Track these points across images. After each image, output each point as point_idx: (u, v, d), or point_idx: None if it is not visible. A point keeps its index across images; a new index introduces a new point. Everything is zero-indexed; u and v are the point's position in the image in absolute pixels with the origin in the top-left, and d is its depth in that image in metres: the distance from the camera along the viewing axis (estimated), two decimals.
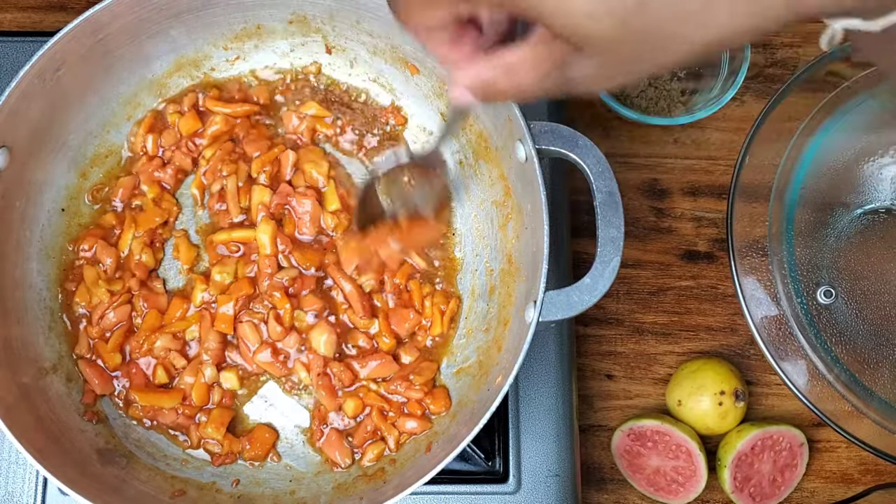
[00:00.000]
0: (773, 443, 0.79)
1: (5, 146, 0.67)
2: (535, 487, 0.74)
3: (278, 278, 0.73)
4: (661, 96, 0.84)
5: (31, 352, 0.71)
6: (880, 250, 0.81)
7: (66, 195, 0.75)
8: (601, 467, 0.82)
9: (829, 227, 0.81)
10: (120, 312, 0.73)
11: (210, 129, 0.76)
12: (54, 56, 0.67)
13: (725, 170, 0.86)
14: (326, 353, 0.72)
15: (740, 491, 0.79)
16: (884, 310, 0.80)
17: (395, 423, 0.72)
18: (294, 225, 0.75)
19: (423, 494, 0.74)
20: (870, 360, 0.78)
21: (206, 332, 0.73)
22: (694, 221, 0.86)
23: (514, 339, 0.67)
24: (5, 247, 0.70)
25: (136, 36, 0.72)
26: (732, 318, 0.84)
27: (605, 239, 0.64)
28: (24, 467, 0.74)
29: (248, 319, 0.73)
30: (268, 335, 0.73)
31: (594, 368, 0.83)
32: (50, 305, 0.73)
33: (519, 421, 0.76)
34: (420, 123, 0.79)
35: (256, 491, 0.71)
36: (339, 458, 0.71)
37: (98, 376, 0.72)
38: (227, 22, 0.75)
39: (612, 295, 0.84)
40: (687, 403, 0.79)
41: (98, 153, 0.76)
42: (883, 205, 0.81)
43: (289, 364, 0.73)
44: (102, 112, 0.75)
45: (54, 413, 0.69)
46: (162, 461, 0.71)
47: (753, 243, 0.77)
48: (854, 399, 0.75)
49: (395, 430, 0.72)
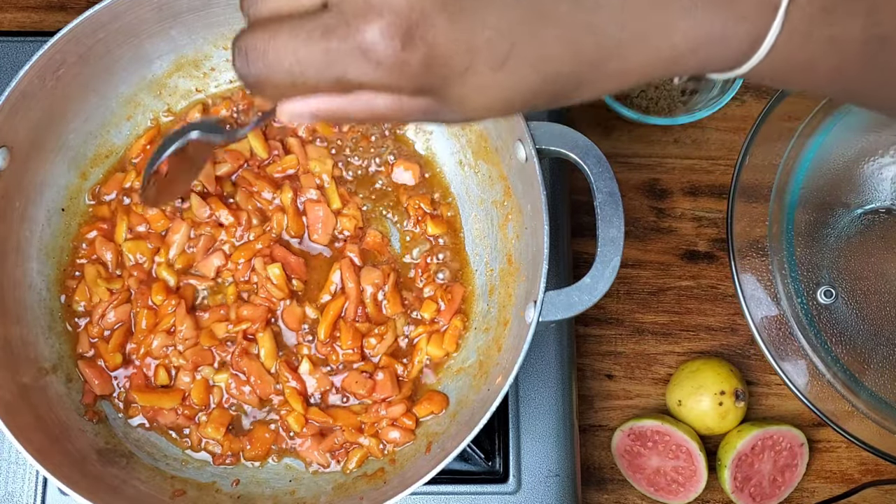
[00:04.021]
0: (773, 443, 0.79)
1: (5, 146, 0.67)
2: (535, 487, 0.74)
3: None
4: (662, 96, 0.84)
5: (31, 352, 0.71)
6: (880, 250, 0.81)
7: (66, 195, 0.75)
8: (601, 467, 0.82)
9: (829, 226, 0.81)
10: (120, 311, 0.73)
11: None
12: (54, 56, 0.67)
13: (726, 170, 0.86)
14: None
15: (740, 491, 0.79)
16: (884, 310, 0.80)
17: (377, 433, 0.72)
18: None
19: (423, 494, 0.74)
20: (870, 360, 0.78)
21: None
22: (694, 221, 0.86)
23: (514, 339, 0.67)
24: (5, 247, 0.70)
25: (136, 36, 0.72)
26: (732, 318, 0.84)
27: (606, 239, 0.64)
28: (24, 467, 0.74)
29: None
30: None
31: (594, 368, 0.83)
32: (50, 305, 0.73)
33: (519, 421, 0.76)
34: (420, 123, 0.78)
35: (256, 491, 0.71)
36: (317, 459, 0.72)
37: (98, 377, 0.72)
38: (228, 21, 0.75)
39: (613, 295, 0.84)
40: (687, 403, 0.78)
41: (98, 153, 0.76)
42: (883, 205, 0.81)
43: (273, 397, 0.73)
44: (102, 112, 0.75)
45: (54, 413, 0.69)
46: (162, 461, 0.71)
47: (754, 243, 0.77)
48: (854, 399, 0.75)
49: (377, 439, 0.72)
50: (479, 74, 0.38)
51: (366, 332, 0.73)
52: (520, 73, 0.38)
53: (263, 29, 0.39)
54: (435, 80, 0.37)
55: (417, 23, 0.36)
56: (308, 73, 0.38)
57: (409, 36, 0.36)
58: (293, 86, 0.39)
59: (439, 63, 0.37)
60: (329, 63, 0.37)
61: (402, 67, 0.36)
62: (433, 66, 0.37)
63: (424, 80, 0.37)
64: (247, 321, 0.73)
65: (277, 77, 0.39)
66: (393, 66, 0.36)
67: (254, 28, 0.39)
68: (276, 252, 0.74)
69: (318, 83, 0.38)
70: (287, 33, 0.38)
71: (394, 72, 0.37)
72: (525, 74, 0.38)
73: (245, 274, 0.74)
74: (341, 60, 0.37)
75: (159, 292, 0.73)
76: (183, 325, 0.72)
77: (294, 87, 0.39)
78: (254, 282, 0.74)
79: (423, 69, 0.37)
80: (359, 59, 0.37)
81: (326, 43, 0.37)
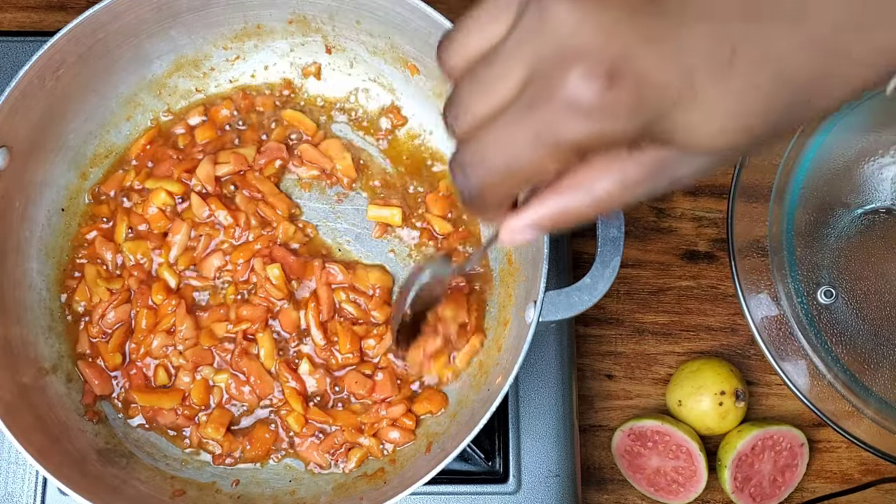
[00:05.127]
0: (773, 443, 0.79)
1: (5, 146, 0.67)
2: (535, 488, 0.74)
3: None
4: None
5: (31, 352, 0.71)
6: (881, 250, 0.81)
7: (66, 195, 0.75)
8: (601, 467, 0.82)
9: (829, 226, 0.81)
10: (120, 311, 0.73)
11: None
12: (54, 56, 0.67)
13: (726, 170, 0.86)
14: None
15: (741, 491, 0.79)
16: (884, 310, 0.80)
17: (377, 433, 0.72)
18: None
19: (423, 495, 0.74)
20: (870, 360, 0.78)
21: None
22: (694, 221, 0.86)
23: (514, 339, 0.67)
24: (5, 247, 0.70)
25: (136, 36, 0.72)
26: (733, 318, 0.84)
27: (606, 239, 0.64)
28: (24, 467, 0.74)
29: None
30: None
31: (594, 368, 0.83)
32: (50, 305, 0.73)
33: (519, 421, 0.76)
34: (420, 123, 0.78)
35: (256, 491, 0.71)
36: (316, 460, 0.71)
37: (97, 377, 0.72)
38: (227, 21, 0.75)
39: (613, 295, 0.84)
40: (687, 403, 0.78)
41: (98, 153, 0.76)
42: (883, 205, 0.81)
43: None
44: (102, 112, 0.75)
45: (54, 413, 0.69)
46: (162, 461, 0.71)
47: (754, 243, 0.77)
48: (854, 399, 0.75)
49: (377, 439, 0.71)
50: (701, 93, 0.33)
51: (364, 335, 0.73)
52: (747, 77, 0.33)
53: (472, 139, 0.36)
54: (652, 112, 0.33)
55: (619, 55, 0.32)
56: (525, 157, 0.34)
57: (612, 72, 0.32)
58: (516, 182, 0.36)
59: (652, 91, 0.32)
60: (541, 134, 0.33)
61: (614, 108, 0.32)
62: (645, 96, 0.33)
63: (640, 115, 0.33)
64: (246, 321, 0.73)
65: (498, 177, 0.35)
66: (603, 110, 0.32)
67: (464, 143, 0.36)
68: (275, 253, 0.74)
69: (538, 166, 0.34)
70: (496, 128, 0.35)
71: (606, 116, 0.33)
72: (754, 78, 0.33)
73: (244, 274, 0.74)
74: (552, 124, 0.33)
75: (159, 292, 0.73)
76: (183, 324, 0.72)
77: (518, 184, 0.36)
78: (252, 282, 0.74)
79: (635, 103, 0.33)
80: (568, 115, 0.33)
81: (533, 114, 0.33)
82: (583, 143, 0.33)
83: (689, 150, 0.35)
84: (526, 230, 0.39)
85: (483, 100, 0.35)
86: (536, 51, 0.33)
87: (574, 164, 0.35)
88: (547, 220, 0.38)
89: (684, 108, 0.33)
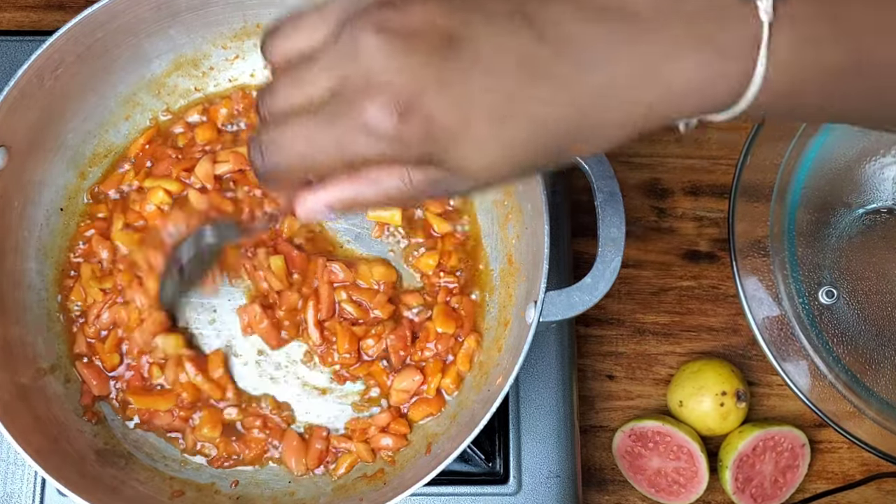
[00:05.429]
0: (774, 444, 0.78)
1: (4, 146, 0.67)
2: (535, 488, 0.74)
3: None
4: None
5: (30, 352, 0.70)
6: (882, 250, 0.81)
7: (65, 195, 0.75)
8: (602, 468, 0.82)
9: (830, 226, 0.81)
10: (113, 311, 0.72)
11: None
12: (53, 55, 0.67)
13: (727, 169, 0.86)
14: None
15: (742, 492, 0.78)
16: (886, 310, 0.79)
17: (367, 439, 0.71)
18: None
19: (423, 496, 0.74)
20: (872, 360, 0.78)
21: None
22: (695, 221, 0.86)
23: (514, 339, 0.67)
24: (4, 246, 0.70)
25: (135, 35, 0.71)
26: (734, 319, 0.84)
27: (606, 239, 0.64)
28: (23, 468, 0.74)
29: None
30: None
31: (595, 369, 0.83)
32: (48, 306, 0.73)
33: (519, 422, 0.75)
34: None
35: (255, 492, 0.71)
36: (294, 466, 0.71)
37: (95, 377, 0.72)
38: (227, 21, 0.75)
39: (613, 295, 0.84)
40: (688, 404, 0.78)
41: (97, 153, 0.76)
42: (885, 204, 0.81)
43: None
44: (101, 111, 0.75)
45: (53, 413, 0.69)
46: (161, 462, 0.71)
47: (755, 243, 0.77)
48: (856, 400, 0.75)
49: (366, 445, 0.71)
50: (477, 133, 0.39)
51: (362, 335, 0.73)
52: (517, 125, 0.40)
53: (276, 124, 0.41)
54: (435, 146, 0.39)
55: (413, 94, 0.38)
56: (319, 157, 0.40)
57: (406, 108, 0.38)
58: (306, 171, 0.42)
59: (437, 129, 0.39)
60: (338, 143, 0.40)
61: (403, 138, 0.39)
62: (431, 132, 0.39)
63: (425, 147, 0.39)
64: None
65: (291, 164, 0.41)
66: (394, 138, 0.39)
67: (267, 124, 0.42)
68: (280, 246, 0.74)
69: (329, 165, 0.41)
70: (299, 123, 0.41)
71: (395, 143, 0.39)
72: (523, 126, 0.40)
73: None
74: (348, 139, 0.39)
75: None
76: None
77: (307, 173, 0.42)
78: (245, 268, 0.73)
79: (422, 137, 0.39)
80: (364, 135, 0.39)
81: (334, 125, 0.40)
82: (373, 159, 0.40)
83: (462, 176, 0.41)
84: (320, 209, 0.44)
85: (294, 94, 0.41)
86: (346, 72, 0.39)
87: (367, 165, 0.41)
88: (339, 204, 0.43)
89: (461, 146, 0.39)
